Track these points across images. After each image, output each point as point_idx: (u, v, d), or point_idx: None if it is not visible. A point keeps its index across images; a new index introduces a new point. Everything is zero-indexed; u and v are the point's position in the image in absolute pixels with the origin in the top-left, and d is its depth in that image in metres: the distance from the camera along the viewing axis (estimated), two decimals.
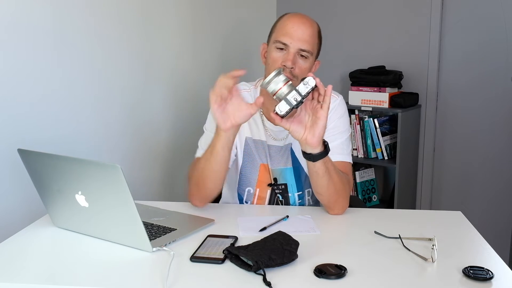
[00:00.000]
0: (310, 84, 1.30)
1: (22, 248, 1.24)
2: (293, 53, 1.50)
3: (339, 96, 1.64)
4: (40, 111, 1.83)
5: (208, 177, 1.47)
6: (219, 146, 1.41)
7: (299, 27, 1.51)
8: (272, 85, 1.31)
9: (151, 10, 2.30)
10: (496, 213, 2.87)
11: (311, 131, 1.34)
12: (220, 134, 1.40)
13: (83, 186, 1.20)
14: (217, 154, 1.42)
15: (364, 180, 2.99)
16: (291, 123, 1.35)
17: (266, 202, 1.65)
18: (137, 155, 2.31)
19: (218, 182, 1.49)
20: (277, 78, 1.31)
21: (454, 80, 2.91)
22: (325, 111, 1.32)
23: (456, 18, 2.85)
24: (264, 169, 1.63)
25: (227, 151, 1.43)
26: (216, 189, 1.51)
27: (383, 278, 1.08)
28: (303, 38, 1.50)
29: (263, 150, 1.63)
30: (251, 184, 1.64)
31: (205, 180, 1.47)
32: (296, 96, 1.29)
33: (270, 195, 1.64)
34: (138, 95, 2.27)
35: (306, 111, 1.36)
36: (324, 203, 1.49)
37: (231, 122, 1.37)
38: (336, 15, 3.08)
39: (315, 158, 1.37)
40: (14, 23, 1.71)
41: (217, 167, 1.45)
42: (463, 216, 1.48)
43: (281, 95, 1.31)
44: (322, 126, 1.33)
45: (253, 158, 1.64)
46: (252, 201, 1.65)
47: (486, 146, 2.87)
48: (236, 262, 1.12)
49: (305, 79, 1.30)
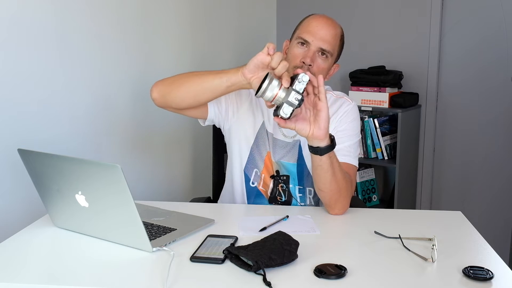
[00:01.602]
0: (305, 80, 1.30)
1: (22, 248, 1.24)
2: (314, 51, 1.52)
3: (353, 102, 1.66)
4: (40, 111, 1.83)
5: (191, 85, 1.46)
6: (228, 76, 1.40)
7: (323, 27, 1.54)
8: (268, 93, 1.29)
9: (151, 11, 2.30)
10: (496, 213, 2.87)
11: (315, 124, 1.35)
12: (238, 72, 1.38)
13: (83, 186, 1.20)
14: (220, 79, 1.41)
15: (364, 180, 2.99)
16: (295, 122, 1.35)
17: (269, 189, 1.66)
18: (137, 155, 2.31)
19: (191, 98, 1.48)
20: (271, 85, 1.29)
21: (454, 80, 2.91)
22: (324, 101, 1.33)
23: (456, 18, 2.85)
24: (269, 159, 1.65)
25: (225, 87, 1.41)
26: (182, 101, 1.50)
27: (383, 278, 1.08)
28: (325, 38, 1.53)
29: (268, 140, 1.65)
30: (258, 167, 1.66)
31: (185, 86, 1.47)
32: (296, 95, 1.29)
33: (273, 183, 1.66)
34: (138, 95, 2.27)
35: (306, 107, 1.36)
36: (325, 201, 1.49)
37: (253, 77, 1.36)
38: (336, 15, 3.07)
39: (322, 151, 1.37)
40: (15, 23, 1.71)
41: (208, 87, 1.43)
42: (463, 216, 1.48)
43: (280, 99, 1.30)
44: (325, 117, 1.34)
45: (263, 145, 1.66)
46: (259, 184, 1.66)
47: (486, 146, 2.87)
48: (236, 262, 1.12)
49: (298, 77, 1.30)
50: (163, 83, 1.53)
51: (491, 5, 2.75)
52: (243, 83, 1.39)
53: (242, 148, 1.66)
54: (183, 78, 1.49)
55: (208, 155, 2.02)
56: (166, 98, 1.52)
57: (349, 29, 3.29)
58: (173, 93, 1.50)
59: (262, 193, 1.67)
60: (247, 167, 1.67)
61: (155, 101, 1.54)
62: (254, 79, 1.36)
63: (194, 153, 2.68)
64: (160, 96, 1.52)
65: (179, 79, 1.50)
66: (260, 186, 1.67)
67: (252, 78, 1.36)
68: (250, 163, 1.67)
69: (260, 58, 1.33)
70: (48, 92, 1.85)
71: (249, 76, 1.36)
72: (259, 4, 3.15)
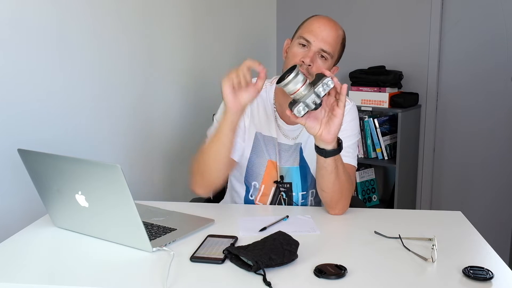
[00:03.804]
0: (329, 85, 1.29)
1: (22, 248, 1.24)
2: (314, 51, 1.52)
3: (352, 102, 1.66)
4: (40, 111, 1.83)
5: (213, 160, 1.48)
6: (225, 128, 1.44)
7: (325, 28, 1.54)
8: (291, 86, 1.29)
9: (151, 10, 2.30)
10: (496, 213, 2.87)
11: (326, 127, 1.35)
12: (227, 115, 1.43)
13: (83, 186, 1.20)
14: (223, 135, 1.45)
15: (364, 180, 2.99)
16: (306, 119, 1.35)
17: (269, 199, 1.65)
18: (137, 155, 2.31)
19: (222, 166, 1.51)
20: (296, 79, 1.29)
21: (454, 80, 2.91)
22: (342, 108, 1.33)
23: (456, 18, 2.85)
24: (272, 166, 1.64)
25: (232, 133, 1.45)
26: (219, 175, 1.52)
27: (383, 278, 1.08)
28: (326, 39, 1.52)
29: (273, 147, 1.64)
30: (257, 179, 1.65)
31: (210, 165, 1.49)
32: (315, 99, 1.29)
33: (274, 192, 1.65)
34: (138, 95, 2.27)
35: (323, 107, 1.36)
36: (326, 202, 1.49)
37: (239, 102, 1.41)
38: (335, 15, 3.07)
39: (327, 154, 1.38)
40: (15, 23, 1.71)
41: (223, 149, 1.47)
42: (463, 216, 1.48)
43: (299, 96, 1.29)
44: (338, 123, 1.34)
45: (262, 153, 1.64)
46: (256, 198, 1.66)
47: (486, 146, 2.87)
48: (236, 262, 1.12)
49: (324, 80, 1.29)
50: (197, 181, 1.54)
51: (491, 5, 2.75)
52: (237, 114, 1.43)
53: (241, 162, 1.65)
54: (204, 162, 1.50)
55: None
56: (210, 186, 1.54)
57: (349, 29, 3.28)
58: (211, 180, 1.52)
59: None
60: (246, 180, 1.67)
61: (205, 196, 1.59)
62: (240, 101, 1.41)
63: (194, 153, 2.67)
64: (207, 191, 1.56)
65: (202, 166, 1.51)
66: (257, 201, 1.66)
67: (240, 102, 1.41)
68: (249, 177, 1.66)
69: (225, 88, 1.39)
70: (48, 92, 1.85)
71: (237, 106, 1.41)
72: (259, 4, 3.15)
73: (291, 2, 3.23)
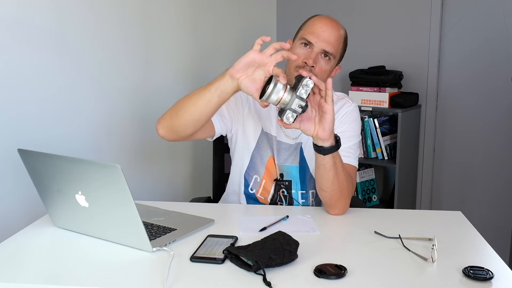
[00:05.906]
0: (309, 85, 1.29)
1: (22, 248, 1.24)
2: (317, 52, 1.52)
3: (354, 103, 1.66)
4: (40, 111, 1.83)
5: (188, 109, 1.41)
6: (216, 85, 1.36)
7: (327, 29, 1.53)
8: (274, 96, 1.28)
9: (151, 11, 2.30)
10: (496, 213, 2.87)
11: (320, 126, 1.35)
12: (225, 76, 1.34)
13: (83, 186, 1.20)
14: (209, 92, 1.37)
15: (364, 180, 2.99)
16: (300, 122, 1.35)
17: (270, 195, 1.66)
18: (137, 155, 2.31)
19: (192, 121, 1.43)
20: (276, 88, 1.27)
21: (454, 80, 2.91)
22: (330, 104, 1.32)
23: (456, 18, 2.85)
24: (273, 162, 1.65)
25: (217, 97, 1.37)
26: (187, 128, 1.45)
27: (383, 278, 1.08)
28: (328, 40, 1.52)
29: (272, 144, 1.65)
30: (259, 173, 1.66)
31: (183, 111, 1.42)
32: (299, 102, 1.28)
33: (274, 188, 1.65)
34: (138, 95, 2.27)
35: (312, 107, 1.36)
36: (325, 201, 1.49)
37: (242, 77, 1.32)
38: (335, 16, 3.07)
39: (325, 151, 1.38)
40: (15, 24, 1.71)
41: (202, 104, 1.39)
42: (463, 216, 1.49)
43: (285, 104, 1.29)
44: (330, 119, 1.33)
45: (265, 149, 1.65)
46: (257, 191, 1.66)
47: (486, 146, 2.87)
48: (236, 262, 1.12)
49: (303, 82, 1.28)
50: (164, 118, 1.48)
51: (491, 4, 2.75)
52: (232, 85, 1.34)
53: (243, 154, 1.67)
54: (179, 105, 1.44)
55: (208, 155, 2.02)
56: (172, 131, 1.47)
57: (349, 29, 3.28)
58: (175, 124, 1.45)
59: (260, 201, 1.67)
60: (247, 172, 1.67)
61: (164, 138, 1.50)
62: (243, 79, 1.32)
63: (194, 153, 2.68)
64: (167, 132, 1.48)
65: (176, 108, 1.45)
66: (258, 194, 1.66)
67: (241, 78, 1.32)
68: (251, 168, 1.67)
69: (252, 57, 1.30)
70: (48, 92, 1.85)
71: (237, 76, 1.32)
72: (259, 4, 3.15)
73: (291, 2, 3.23)
